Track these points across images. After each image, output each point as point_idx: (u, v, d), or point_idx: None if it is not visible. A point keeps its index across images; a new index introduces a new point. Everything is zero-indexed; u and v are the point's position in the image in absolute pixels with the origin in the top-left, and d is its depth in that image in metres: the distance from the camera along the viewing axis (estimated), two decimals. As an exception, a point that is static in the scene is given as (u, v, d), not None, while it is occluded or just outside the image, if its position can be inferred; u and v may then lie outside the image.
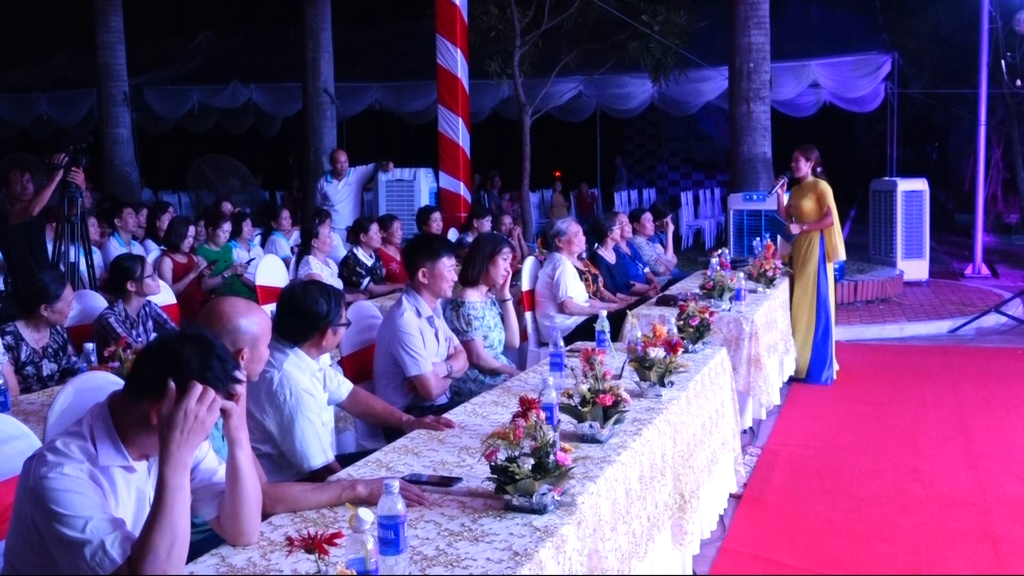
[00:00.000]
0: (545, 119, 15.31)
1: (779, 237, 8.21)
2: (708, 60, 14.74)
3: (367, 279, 7.71)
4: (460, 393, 4.53)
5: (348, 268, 7.75)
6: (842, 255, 7.67)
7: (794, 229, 7.55)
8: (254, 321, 2.89)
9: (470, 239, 7.98)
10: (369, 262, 7.85)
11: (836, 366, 7.73)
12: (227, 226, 8.08)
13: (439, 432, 3.34)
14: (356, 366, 4.56)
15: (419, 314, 4.41)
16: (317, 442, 3.27)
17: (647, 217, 9.06)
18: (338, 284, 7.50)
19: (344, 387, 3.72)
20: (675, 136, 25.95)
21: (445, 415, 3.57)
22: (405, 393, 4.34)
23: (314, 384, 3.43)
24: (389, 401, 4.29)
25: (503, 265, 4.99)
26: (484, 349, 4.86)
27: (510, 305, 5.15)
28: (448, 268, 4.51)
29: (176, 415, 2.14)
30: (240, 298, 3.02)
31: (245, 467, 2.36)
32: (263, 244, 8.99)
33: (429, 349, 4.37)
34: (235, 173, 18.15)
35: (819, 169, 7.57)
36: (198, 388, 2.17)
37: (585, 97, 17.81)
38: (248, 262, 7.94)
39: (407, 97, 18.72)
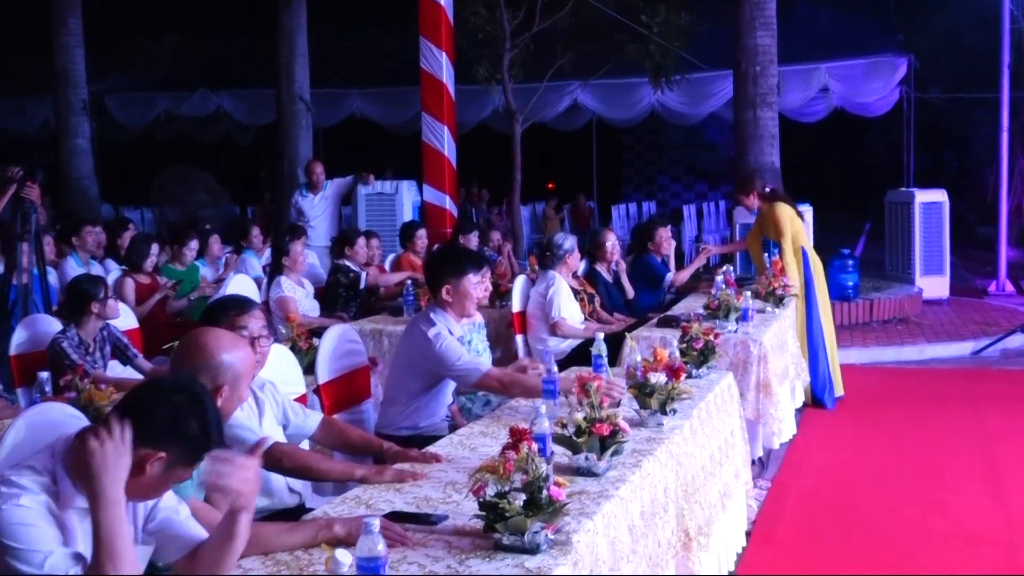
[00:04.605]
0: (537, 127, 15.34)
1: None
2: (712, 63, 14.81)
3: (352, 304, 7.75)
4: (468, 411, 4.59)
5: (335, 279, 7.81)
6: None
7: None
8: (238, 357, 2.90)
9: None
10: (356, 275, 7.87)
11: (841, 390, 7.74)
12: (193, 244, 8.07)
13: (425, 466, 3.32)
14: (336, 395, 4.53)
15: (451, 334, 4.41)
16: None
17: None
18: (314, 306, 7.51)
19: (312, 419, 3.68)
20: (677, 144, 26.02)
21: (431, 447, 3.56)
22: (410, 415, 4.38)
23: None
24: (393, 424, 4.39)
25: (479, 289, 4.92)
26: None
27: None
28: (474, 285, 4.48)
29: (88, 454, 2.17)
30: (225, 331, 3.02)
31: (243, 532, 2.39)
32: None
33: None
34: (203, 186, 18.13)
35: (767, 188, 7.72)
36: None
37: (580, 105, 17.87)
38: (217, 282, 7.93)
39: (389, 105, 18.75)
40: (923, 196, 12.27)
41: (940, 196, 12.28)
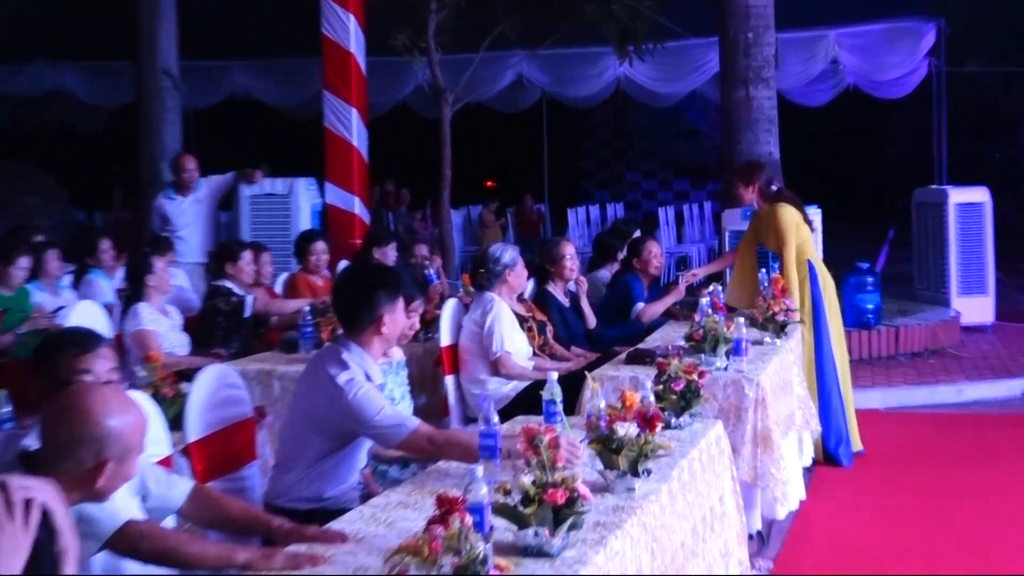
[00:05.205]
0: (472, 109, 15.39)
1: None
2: (693, 28, 14.98)
3: (233, 338, 7.68)
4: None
5: (211, 306, 7.74)
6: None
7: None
8: (128, 424, 2.89)
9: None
10: (239, 299, 7.80)
11: (859, 443, 7.80)
12: (24, 261, 7.96)
13: (327, 548, 3.29)
14: (211, 456, 4.47)
15: (368, 379, 4.39)
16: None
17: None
18: (183, 341, 7.44)
19: (180, 487, 3.65)
20: (649, 131, 26.27)
21: (335, 523, 3.52)
22: (312, 482, 4.35)
23: None
24: (289, 493, 4.35)
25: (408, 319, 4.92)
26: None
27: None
28: (401, 311, 4.54)
29: None
30: (113, 390, 3.01)
31: None
32: (76, 286, 8.87)
33: None
34: (36, 187, 17.94)
35: (773, 187, 7.77)
36: None
37: (526, 80, 17.97)
38: (55, 311, 7.82)
39: (280, 81, 18.72)
40: (959, 195, 12.45)
41: (980, 195, 12.47)
